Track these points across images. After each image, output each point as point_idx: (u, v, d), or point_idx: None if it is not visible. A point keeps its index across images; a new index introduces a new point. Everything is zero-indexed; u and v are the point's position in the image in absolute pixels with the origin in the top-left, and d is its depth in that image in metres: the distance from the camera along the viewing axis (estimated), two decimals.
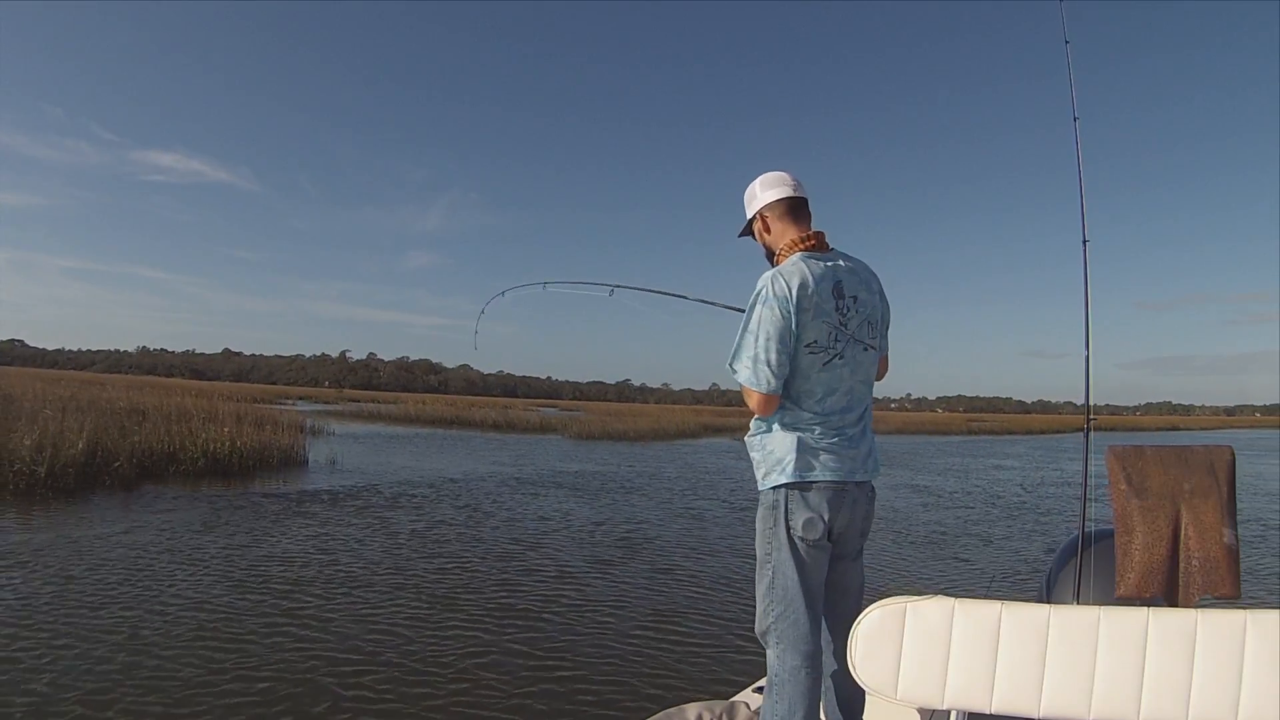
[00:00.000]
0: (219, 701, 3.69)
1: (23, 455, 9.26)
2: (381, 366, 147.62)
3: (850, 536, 2.18)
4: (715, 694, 3.33)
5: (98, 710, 3.54)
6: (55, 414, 11.07)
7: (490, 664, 4.42)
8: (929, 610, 1.53)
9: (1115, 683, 1.44)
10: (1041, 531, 10.51)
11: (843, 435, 2.12)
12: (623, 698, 4.08)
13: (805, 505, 2.07)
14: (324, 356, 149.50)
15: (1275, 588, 7.12)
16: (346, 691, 3.90)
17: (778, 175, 2.29)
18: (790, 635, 2.07)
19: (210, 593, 5.53)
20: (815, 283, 2.06)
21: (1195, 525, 2.29)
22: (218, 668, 4.10)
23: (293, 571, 6.24)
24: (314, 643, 4.59)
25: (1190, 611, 1.47)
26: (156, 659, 4.17)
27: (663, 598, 6.06)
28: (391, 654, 4.48)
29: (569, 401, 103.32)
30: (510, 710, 3.83)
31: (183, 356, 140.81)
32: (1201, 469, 2.33)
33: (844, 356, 2.11)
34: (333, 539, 7.67)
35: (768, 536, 2.12)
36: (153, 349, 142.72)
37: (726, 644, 5.00)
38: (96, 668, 4.01)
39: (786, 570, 2.08)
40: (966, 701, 1.51)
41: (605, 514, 10.25)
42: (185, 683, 3.89)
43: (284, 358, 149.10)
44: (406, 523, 8.81)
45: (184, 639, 4.52)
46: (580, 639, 4.98)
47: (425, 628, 4.99)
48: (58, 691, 3.70)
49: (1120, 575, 2.36)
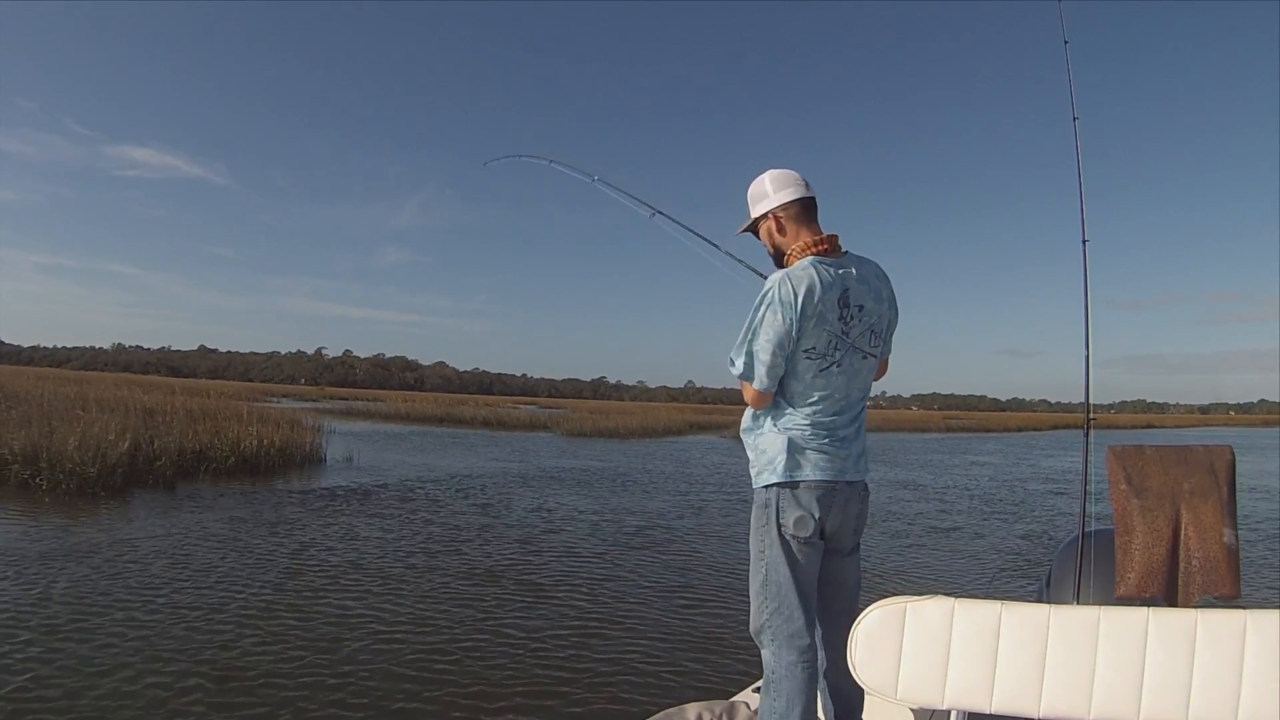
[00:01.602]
0: (278, 688, 3.99)
1: (72, 456, 9.64)
2: (357, 364, 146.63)
3: (843, 534, 2.22)
4: (715, 694, 3.33)
5: (181, 694, 3.85)
6: (85, 414, 11.44)
7: (491, 663, 4.54)
8: (929, 610, 1.55)
9: (1115, 683, 1.45)
10: (1028, 522, 11.11)
11: (834, 436, 2.15)
12: (623, 698, 4.14)
13: (796, 504, 2.11)
14: (300, 354, 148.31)
15: (1276, 584, 7.23)
16: (358, 681, 4.14)
17: (788, 174, 2.27)
18: (785, 632, 2.11)
19: (268, 582, 5.97)
20: (823, 290, 2.07)
21: (1195, 525, 2.30)
22: (282, 654, 4.46)
23: (333, 563, 6.68)
24: (347, 631, 4.94)
25: (1190, 611, 1.48)
26: (235, 648, 4.50)
27: (663, 597, 6.19)
28: (401, 647, 4.71)
29: (548, 399, 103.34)
30: (510, 710, 3.92)
31: (159, 354, 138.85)
32: (1201, 469, 2.36)
33: (841, 365, 2.14)
34: (364, 533, 8.17)
35: (760, 534, 2.17)
36: (128, 346, 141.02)
37: (727, 644, 5.05)
38: (186, 655, 4.38)
39: (779, 568, 2.12)
40: (966, 701, 1.52)
41: (608, 511, 10.63)
42: (256, 665, 4.27)
43: (260, 355, 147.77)
44: (427, 518, 9.31)
45: (253, 624, 4.93)
46: (580, 639, 5.07)
47: (432, 624, 5.19)
48: (147, 676, 4.04)
49: (1120, 575, 2.36)
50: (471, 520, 9.33)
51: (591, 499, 11.78)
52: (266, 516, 8.78)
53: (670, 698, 3.87)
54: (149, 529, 7.77)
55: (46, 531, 7.45)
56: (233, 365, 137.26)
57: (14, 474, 9.68)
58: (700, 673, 4.53)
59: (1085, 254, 2.71)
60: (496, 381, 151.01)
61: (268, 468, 12.72)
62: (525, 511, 10.23)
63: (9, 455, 9.87)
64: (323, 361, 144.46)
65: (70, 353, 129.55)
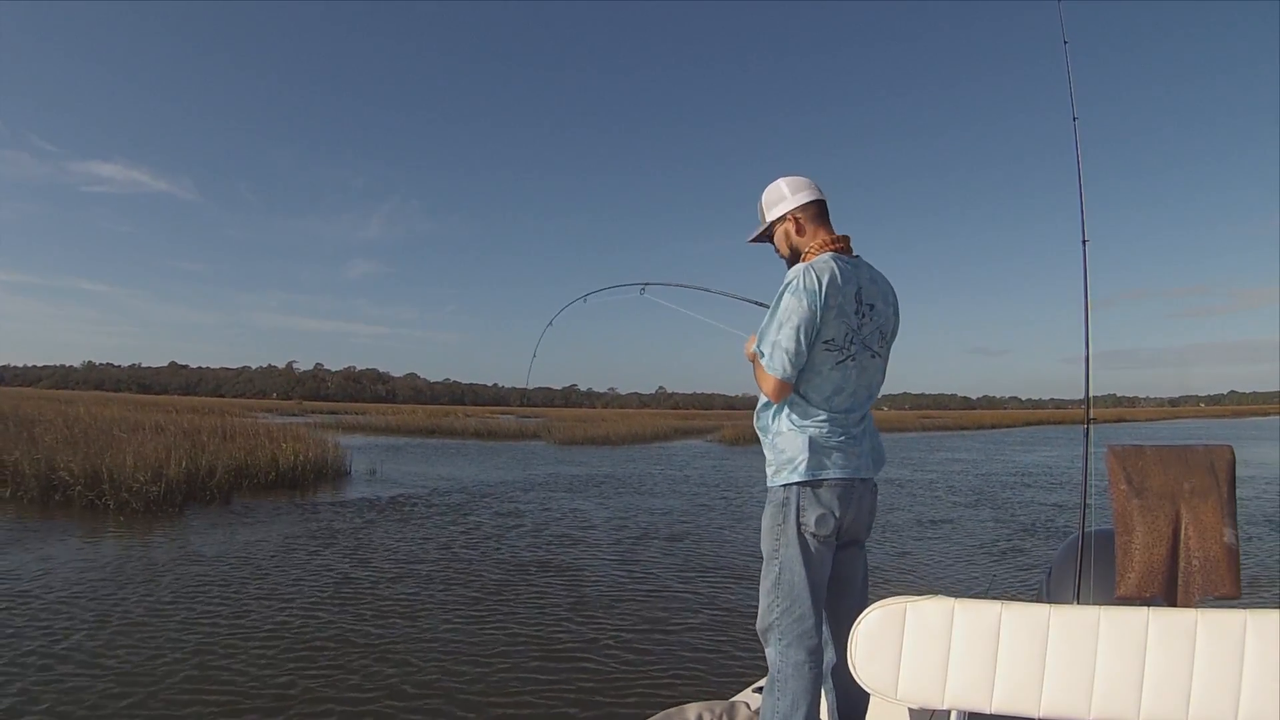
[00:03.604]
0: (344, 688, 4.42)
1: (135, 476, 10.24)
2: (329, 377, 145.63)
3: (856, 531, 2.25)
4: (715, 694, 3.36)
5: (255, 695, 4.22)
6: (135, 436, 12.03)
7: (492, 662, 4.71)
8: (929, 610, 1.56)
9: (1115, 683, 1.46)
10: (1025, 520, 11.67)
11: (849, 434, 2.19)
12: (623, 698, 4.21)
13: (818, 502, 2.12)
14: (271, 368, 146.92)
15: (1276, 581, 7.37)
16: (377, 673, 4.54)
17: (802, 179, 2.33)
18: (794, 631, 2.11)
19: (330, 586, 6.60)
20: (842, 282, 2.13)
21: (1195, 525, 2.30)
22: (347, 653, 4.89)
23: (385, 570, 7.27)
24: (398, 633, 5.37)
25: (1190, 611, 1.48)
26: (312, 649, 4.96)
27: (664, 597, 6.37)
28: (429, 644, 5.08)
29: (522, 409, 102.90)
30: (511, 709, 4.03)
31: (129, 371, 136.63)
32: (1201, 469, 2.36)
33: (855, 359, 2.18)
34: (408, 540, 8.85)
35: (776, 533, 2.16)
36: (99, 363, 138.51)
37: (727, 644, 5.15)
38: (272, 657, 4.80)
39: (794, 566, 2.12)
40: (967, 701, 1.53)
41: (612, 515, 11.21)
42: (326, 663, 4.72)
43: (231, 370, 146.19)
44: (458, 525, 10.03)
45: (328, 627, 5.41)
46: (580, 639, 5.23)
47: (443, 622, 5.56)
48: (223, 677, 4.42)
49: (1120, 575, 2.36)
50: (495, 526, 10.09)
51: (597, 502, 12.55)
52: (315, 528, 9.41)
53: (670, 698, 3.88)
54: (220, 541, 8.45)
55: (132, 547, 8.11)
56: (204, 381, 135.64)
57: (78, 495, 10.25)
58: (700, 673, 4.61)
59: (1085, 254, 2.67)
60: (468, 392, 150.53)
61: (304, 481, 13.42)
62: (543, 516, 10.93)
63: (69, 477, 10.44)
64: (294, 376, 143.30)
65: (41, 371, 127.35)
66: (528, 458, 22.47)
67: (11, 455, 11.24)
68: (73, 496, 10.28)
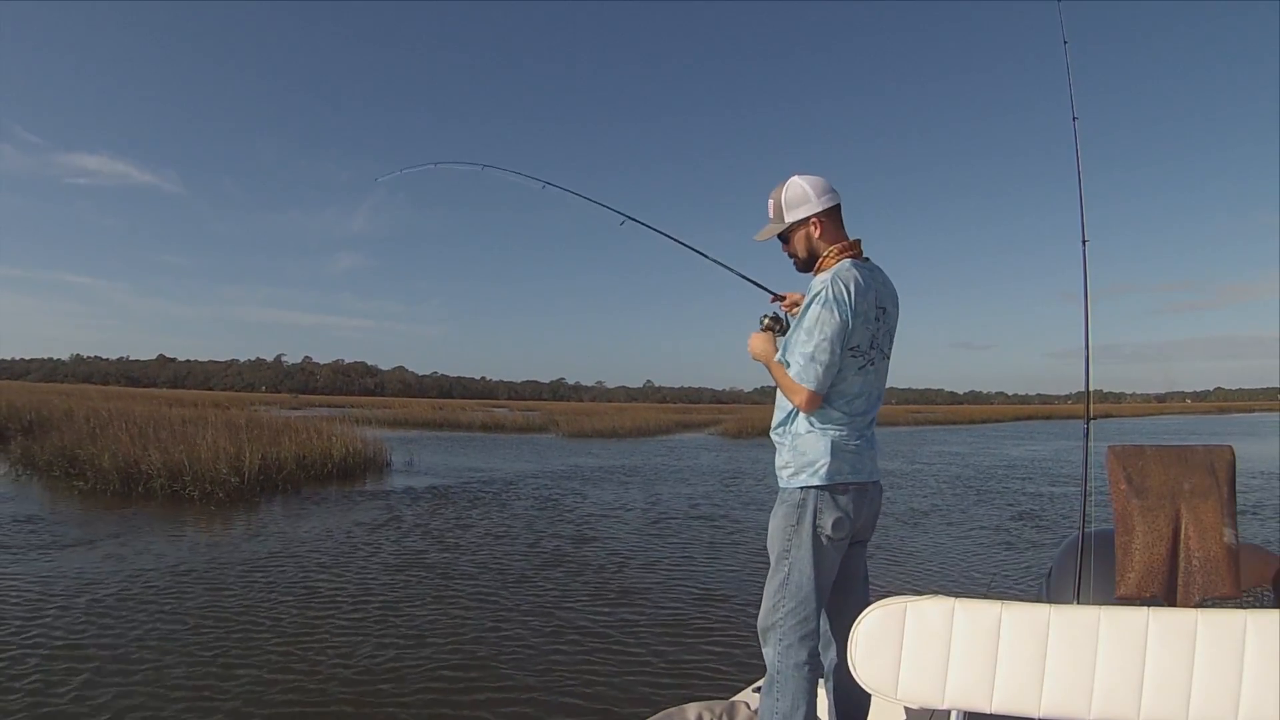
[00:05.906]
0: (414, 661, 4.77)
1: (215, 468, 11.05)
2: (317, 370, 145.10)
3: (863, 530, 2.29)
4: (715, 694, 3.37)
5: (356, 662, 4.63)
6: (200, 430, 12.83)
7: (493, 661, 4.80)
8: (929, 610, 1.55)
9: (1115, 683, 1.46)
10: (1023, 517, 11.88)
11: (864, 436, 2.21)
12: (623, 698, 4.23)
13: (835, 506, 2.13)
14: (259, 361, 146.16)
15: None
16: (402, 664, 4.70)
17: (822, 180, 2.30)
18: (798, 632, 2.12)
19: (396, 564, 7.35)
20: (865, 290, 2.14)
21: (1195, 525, 2.30)
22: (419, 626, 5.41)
23: (462, 551, 7.98)
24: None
25: (1190, 611, 1.48)
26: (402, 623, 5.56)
27: (664, 597, 6.43)
28: (445, 638, 5.25)
29: (511, 401, 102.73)
30: (510, 708, 4.08)
31: (118, 364, 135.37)
32: (1201, 469, 2.35)
33: (875, 364, 2.20)
34: (459, 526, 9.57)
35: (788, 534, 2.15)
36: (86, 356, 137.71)
37: (728, 643, 5.18)
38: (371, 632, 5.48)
39: (804, 568, 2.12)
40: (967, 701, 1.53)
41: (641, 506, 11.62)
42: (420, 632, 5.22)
43: (219, 363, 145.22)
44: (499, 514, 10.67)
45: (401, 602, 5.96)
46: (581, 639, 5.28)
47: (448, 620, 5.67)
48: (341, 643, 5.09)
49: (1120, 575, 2.36)
50: (531, 515, 10.68)
51: (615, 494, 13.15)
52: (377, 516, 10.06)
53: (670, 698, 3.91)
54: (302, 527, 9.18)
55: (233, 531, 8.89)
56: (192, 374, 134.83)
57: (160, 487, 10.97)
58: (700, 673, 4.67)
59: (1085, 254, 2.65)
60: (456, 385, 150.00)
61: (356, 472, 14.27)
62: (582, 508, 11.45)
63: (150, 470, 11.18)
64: (283, 369, 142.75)
65: (29, 364, 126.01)
66: (544, 450, 23.42)
67: (87, 450, 11.97)
68: (154, 489, 10.98)
